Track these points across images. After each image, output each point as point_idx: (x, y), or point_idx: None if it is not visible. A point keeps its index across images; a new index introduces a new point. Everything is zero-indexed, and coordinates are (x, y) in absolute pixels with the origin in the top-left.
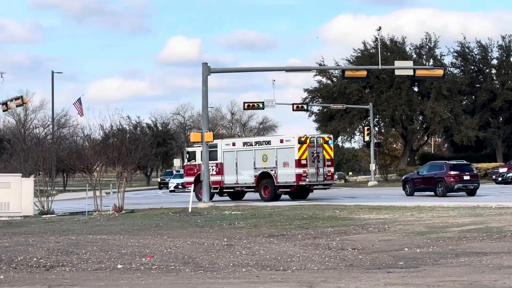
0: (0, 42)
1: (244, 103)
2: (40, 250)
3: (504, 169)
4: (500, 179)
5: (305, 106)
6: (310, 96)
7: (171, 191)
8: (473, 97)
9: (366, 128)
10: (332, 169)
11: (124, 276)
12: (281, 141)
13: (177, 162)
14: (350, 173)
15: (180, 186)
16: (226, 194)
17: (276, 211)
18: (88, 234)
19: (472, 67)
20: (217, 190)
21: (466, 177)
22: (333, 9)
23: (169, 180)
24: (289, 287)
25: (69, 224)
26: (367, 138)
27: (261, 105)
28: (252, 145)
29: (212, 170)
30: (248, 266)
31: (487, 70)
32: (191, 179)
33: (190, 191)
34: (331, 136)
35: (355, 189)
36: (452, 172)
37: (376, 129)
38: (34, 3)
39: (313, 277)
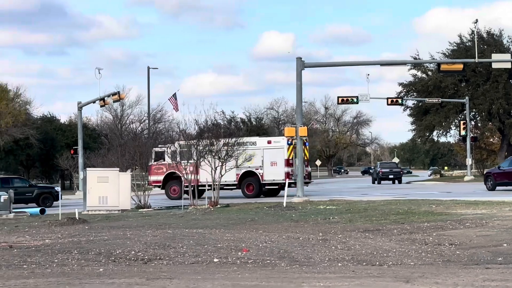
0: (97, 38)
1: (338, 97)
2: (138, 243)
3: None
4: None
5: (399, 100)
6: (404, 90)
7: None
8: None
9: (462, 122)
10: (309, 169)
11: (220, 269)
12: (269, 142)
13: None
14: (446, 167)
15: None
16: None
17: (371, 206)
18: (184, 228)
19: None
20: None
21: None
22: (428, 2)
23: None
24: (385, 282)
25: (165, 218)
26: (463, 133)
27: (355, 100)
28: (234, 146)
29: (186, 169)
30: (343, 261)
31: None
32: (159, 178)
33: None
34: (307, 138)
35: (451, 184)
36: None
37: (472, 123)
38: (131, 0)
39: (409, 272)
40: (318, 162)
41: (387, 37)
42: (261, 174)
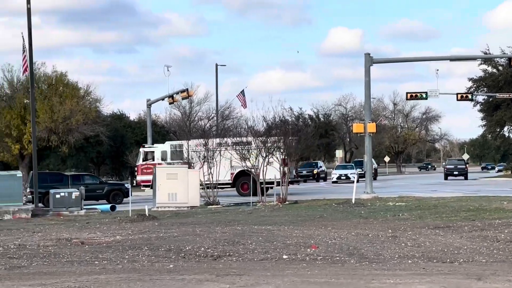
0: (166, 36)
1: (407, 93)
2: (207, 240)
3: None
4: None
5: (469, 96)
6: (474, 86)
7: (333, 182)
8: None
9: None
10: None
11: (289, 266)
12: (263, 142)
13: (339, 153)
14: None
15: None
16: None
17: (441, 202)
18: (253, 225)
19: None
20: None
21: None
22: None
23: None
24: (457, 280)
25: (234, 215)
26: None
27: (424, 95)
28: (229, 145)
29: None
30: (414, 258)
31: None
32: (148, 177)
33: (353, 182)
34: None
35: None
36: None
37: None
38: None
39: (481, 269)
40: (386, 159)
41: (456, 32)
42: (257, 173)
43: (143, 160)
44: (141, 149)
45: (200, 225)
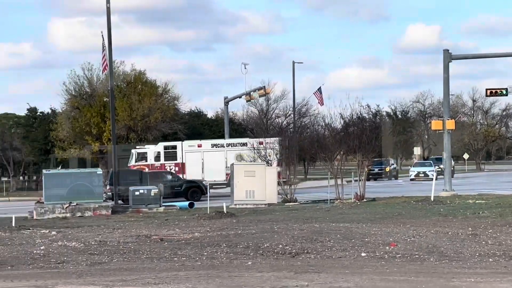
0: (242, 33)
1: (487, 89)
2: (285, 237)
3: None
4: None
5: None
6: None
7: (411, 179)
8: None
9: None
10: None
11: (368, 264)
12: (261, 143)
13: (417, 151)
14: None
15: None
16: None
17: None
18: (331, 222)
19: None
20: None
21: None
22: None
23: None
24: None
25: (311, 212)
26: None
27: (504, 92)
28: (224, 147)
29: (171, 170)
30: (495, 256)
31: None
32: None
33: (431, 179)
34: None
35: None
36: None
37: None
38: None
39: None
40: (465, 156)
41: None
42: None
43: (136, 161)
44: (133, 150)
45: (278, 222)
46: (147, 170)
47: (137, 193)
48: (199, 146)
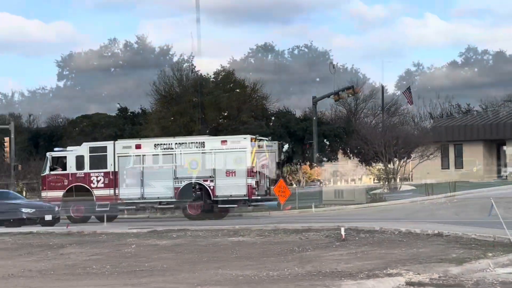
0: (330, 33)
1: None
2: None
3: None
4: None
5: None
6: None
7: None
8: None
9: None
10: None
11: None
12: (224, 142)
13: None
14: None
15: None
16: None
17: None
18: None
19: None
20: (107, 208)
21: None
22: None
23: None
24: None
25: None
26: None
27: None
28: (172, 148)
29: (98, 182)
30: None
31: None
32: (58, 194)
33: None
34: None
35: None
36: None
37: None
38: None
39: None
40: None
41: None
42: (211, 187)
43: (51, 170)
44: (48, 154)
45: None
46: (66, 182)
47: None
48: (138, 147)
